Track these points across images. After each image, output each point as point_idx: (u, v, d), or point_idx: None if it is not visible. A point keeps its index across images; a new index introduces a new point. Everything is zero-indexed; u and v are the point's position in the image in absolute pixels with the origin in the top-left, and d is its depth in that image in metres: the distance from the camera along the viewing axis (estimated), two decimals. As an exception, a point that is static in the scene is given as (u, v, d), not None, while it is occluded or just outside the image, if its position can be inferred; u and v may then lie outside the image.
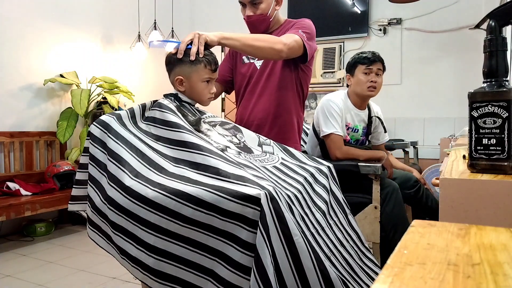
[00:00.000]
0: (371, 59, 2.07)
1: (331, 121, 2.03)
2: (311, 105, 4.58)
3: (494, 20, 0.93)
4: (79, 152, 3.66)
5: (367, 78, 2.06)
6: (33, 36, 3.64)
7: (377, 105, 2.31)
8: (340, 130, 2.03)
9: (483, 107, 0.90)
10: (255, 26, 1.73)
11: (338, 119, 2.05)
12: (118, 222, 1.21)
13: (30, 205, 3.09)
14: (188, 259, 1.11)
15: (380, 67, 2.09)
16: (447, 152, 1.69)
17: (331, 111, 2.05)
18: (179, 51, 1.43)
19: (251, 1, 1.68)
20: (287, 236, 1.05)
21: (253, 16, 1.70)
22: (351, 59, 2.16)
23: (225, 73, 1.88)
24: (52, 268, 2.71)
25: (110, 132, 1.35)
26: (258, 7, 1.69)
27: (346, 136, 2.12)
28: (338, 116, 2.05)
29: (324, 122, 2.05)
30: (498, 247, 0.53)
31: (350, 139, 2.15)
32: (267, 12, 1.72)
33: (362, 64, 2.08)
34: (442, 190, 0.87)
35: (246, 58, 1.82)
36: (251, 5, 1.69)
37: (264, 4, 1.69)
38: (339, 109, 2.06)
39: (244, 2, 1.69)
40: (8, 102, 3.45)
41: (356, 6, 4.30)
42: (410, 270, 0.45)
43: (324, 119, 2.06)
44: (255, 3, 1.68)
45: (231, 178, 1.13)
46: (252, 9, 1.69)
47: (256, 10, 1.69)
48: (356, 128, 2.16)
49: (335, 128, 2.02)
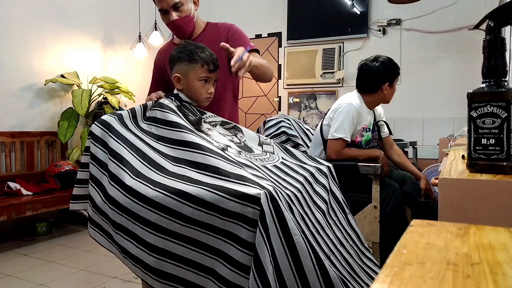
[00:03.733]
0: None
1: (344, 126, 2.02)
2: (311, 105, 4.58)
3: (493, 21, 0.93)
4: (80, 152, 3.66)
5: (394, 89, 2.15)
6: (34, 36, 3.64)
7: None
8: (349, 136, 2.03)
9: (482, 107, 0.90)
10: (183, 28, 1.73)
11: (353, 126, 2.05)
12: (119, 221, 1.21)
13: (31, 204, 3.09)
14: (189, 258, 1.12)
15: None
16: (446, 152, 1.69)
17: (351, 116, 2.03)
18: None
19: (173, 6, 1.67)
20: (287, 236, 1.05)
21: (179, 19, 1.69)
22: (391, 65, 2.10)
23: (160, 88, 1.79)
24: (53, 267, 2.72)
25: (111, 132, 1.35)
26: (182, 10, 1.69)
27: (356, 137, 2.12)
28: (355, 122, 2.05)
29: (339, 124, 2.03)
30: (497, 247, 0.53)
31: (362, 140, 2.15)
32: (191, 13, 1.73)
33: (398, 75, 2.14)
34: (441, 190, 0.87)
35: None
36: (174, 9, 1.68)
37: (186, 6, 1.70)
38: (358, 114, 2.06)
39: (167, 8, 1.67)
40: (9, 102, 3.46)
41: (356, 6, 4.30)
42: (409, 269, 0.45)
43: (340, 122, 2.03)
44: (178, 7, 1.68)
45: (232, 177, 1.14)
46: (176, 13, 1.68)
47: (180, 13, 1.69)
48: (369, 128, 2.17)
49: (345, 134, 2.01)
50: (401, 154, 2.35)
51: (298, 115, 4.63)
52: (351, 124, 2.02)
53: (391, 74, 2.10)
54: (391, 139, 2.35)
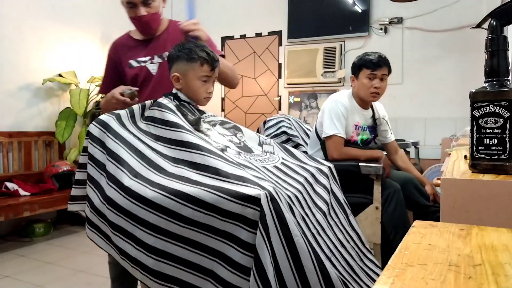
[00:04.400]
0: (377, 63, 2.02)
1: (335, 123, 2.01)
2: (311, 105, 4.57)
3: (495, 19, 0.93)
4: (78, 152, 3.65)
5: (370, 84, 2.03)
6: (32, 35, 3.63)
7: (379, 103, 2.29)
8: (343, 132, 2.02)
9: (485, 107, 0.89)
10: (149, 25, 1.71)
11: (343, 120, 2.03)
12: (117, 223, 1.20)
13: (28, 205, 3.09)
14: (188, 260, 1.11)
15: (385, 72, 2.05)
16: (448, 152, 1.69)
17: (337, 112, 2.02)
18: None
19: (143, 1, 1.65)
20: (287, 237, 1.04)
21: (148, 15, 1.67)
22: (356, 60, 2.10)
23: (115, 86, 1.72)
24: (51, 269, 2.71)
25: (109, 132, 1.34)
26: (151, 6, 1.67)
27: (352, 136, 2.10)
28: (343, 117, 2.03)
29: (328, 123, 2.03)
30: (499, 248, 0.53)
31: (358, 139, 2.14)
32: (159, 10, 1.71)
33: (367, 68, 2.04)
34: (444, 191, 0.86)
35: (134, 61, 1.76)
36: (144, 5, 1.66)
37: (156, 3, 1.68)
38: (345, 110, 2.04)
39: (136, 2, 1.65)
40: (6, 101, 3.45)
41: (357, 5, 4.29)
42: (411, 271, 0.45)
43: (329, 119, 2.03)
44: (149, 3, 1.66)
45: (231, 178, 1.13)
46: (145, 9, 1.66)
47: (149, 9, 1.67)
48: (364, 127, 2.15)
49: (337, 130, 2.00)
50: (406, 160, 2.32)
51: (298, 115, 4.62)
52: (339, 120, 2.01)
53: (354, 66, 2.10)
54: (396, 144, 2.33)
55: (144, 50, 1.76)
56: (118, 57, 1.78)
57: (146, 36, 1.77)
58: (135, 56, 1.75)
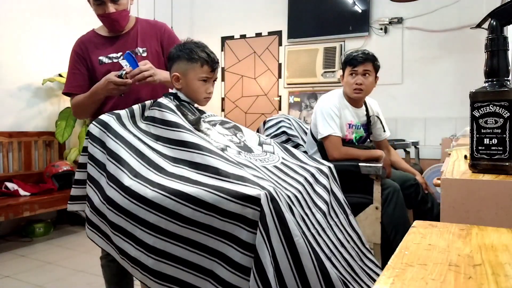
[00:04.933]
0: (358, 60, 2.03)
1: (328, 123, 2.02)
2: (311, 105, 4.57)
3: (495, 19, 0.93)
4: (77, 152, 3.66)
5: (352, 80, 2.04)
6: (31, 35, 3.63)
7: (374, 100, 2.29)
8: (338, 131, 2.02)
9: (485, 107, 0.89)
10: (118, 22, 1.71)
11: (336, 119, 2.03)
12: (117, 222, 1.20)
13: (28, 205, 3.09)
14: (188, 260, 1.11)
15: (368, 67, 2.04)
16: (448, 152, 1.69)
17: (329, 112, 2.03)
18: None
19: None
20: (287, 237, 1.04)
21: (116, 12, 1.67)
22: (342, 59, 2.15)
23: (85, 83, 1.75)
24: (51, 269, 2.71)
25: (109, 132, 1.34)
26: (120, 3, 1.67)
27: (346, 135, 2.11)
28: (336, 116, 2.04)
29: (321, 124, 2.04)
30: (499, 248, 0.53)
31: (352, 137, 2.14)
32: (127, 7, 1.71)
33: (349, 65, 2.06)
34: (444, 191, 0.86)
35: (104, 58, 1.74)
36: (112, 2, 1.66)
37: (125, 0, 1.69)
38: (337, 109, 2.05)
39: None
40: (6, 102, 3.45)
41: (357, 5, 4.29)
42: (411, 271, 0.45)
43: (322, 120, 2.04)
44: (116, 0, 1.66)
45: (231, 178, 1.13)
46: (114, 6, 1.66)
47: (118, 6, 1.67)
48: (358, 125, 2.15)
49: (332, 130, 2.00)
50: (394, 153, 2.39)
51: (298, 115, 4.62)
52: (333, 119, 2.02)
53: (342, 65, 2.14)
54: (386, 142, 2.36)
55: (112, 47, 1.76)
56: (86, 54, 1.76)
57: (114, 33, 1.76)
58: (103, 53, 1.75)
